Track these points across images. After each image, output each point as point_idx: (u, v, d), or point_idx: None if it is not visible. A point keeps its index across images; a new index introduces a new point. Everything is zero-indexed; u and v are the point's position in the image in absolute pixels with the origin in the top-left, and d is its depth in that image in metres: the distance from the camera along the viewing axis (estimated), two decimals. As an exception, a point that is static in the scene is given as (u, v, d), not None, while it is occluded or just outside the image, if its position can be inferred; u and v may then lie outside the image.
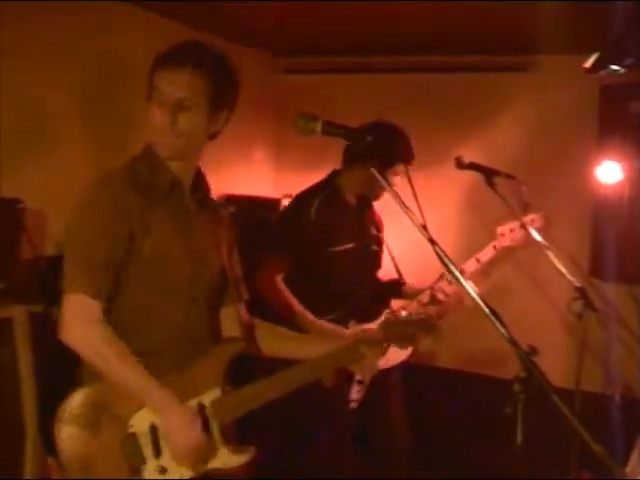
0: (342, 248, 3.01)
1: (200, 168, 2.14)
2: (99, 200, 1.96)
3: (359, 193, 3.10)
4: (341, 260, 3.01)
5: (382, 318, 3.04)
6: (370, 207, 3.22)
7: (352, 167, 3.04)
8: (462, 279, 1.71)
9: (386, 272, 3.30)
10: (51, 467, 2.56)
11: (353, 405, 3.00)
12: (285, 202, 4.10)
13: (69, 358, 2.71)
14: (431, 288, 3.05)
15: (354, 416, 3.02)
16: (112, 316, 1.95)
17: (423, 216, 1.80)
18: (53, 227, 3.15)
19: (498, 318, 1.64)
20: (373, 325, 2.98)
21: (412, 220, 1.80)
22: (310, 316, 2.89)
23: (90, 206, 1.96)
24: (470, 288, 1.69)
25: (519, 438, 1.56)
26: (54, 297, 2.79)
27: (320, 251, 2.97)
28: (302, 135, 1.96)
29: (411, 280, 3.28)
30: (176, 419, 1.90)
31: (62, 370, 2.57)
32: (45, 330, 2.58)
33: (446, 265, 1.74)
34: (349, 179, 3.07)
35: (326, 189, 3.08)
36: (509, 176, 3.08)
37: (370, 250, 3.18)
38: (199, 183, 2.14)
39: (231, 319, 2.20)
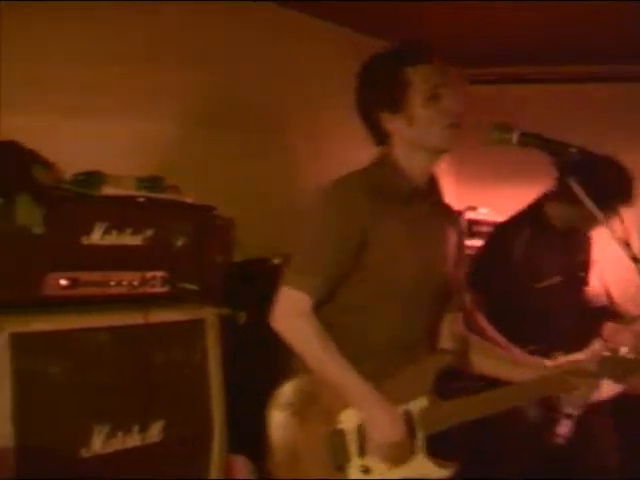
0: (548, 283, 2.84)
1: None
2: (333, 202, 1.98)
3: (569, 225, 2.86)
4: (546, 296, 2.84)
5: (593, 347, 2.85)
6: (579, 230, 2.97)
7: (563, 196, 2.71)
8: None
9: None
10: (233, 466, 2.66)
11: (560, 440, 2.82)
12: (469, 215, 4.03)
13: (247, 360, 2.82)
14: None
15: (560, 452, 2.79)
16: (329, 314, 1.96)
17: (628, 232, 1.70)
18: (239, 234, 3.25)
19: None
20: (582, 355, 2.83)
21: (614, 236, 1.70)
22: (515, 351, 2.73)
23: (324, 207, 2.00)
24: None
25: None
26: (240, 302, 2.92)
27: (524, 288, 2.83)
28: (495, 145, 1.91)
29: (624, 302, 3.05)
30: (379, 415, 1.89)
31: (239, 369, 2.69)
32: (227, 333, 2.68)
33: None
34: (559, 208, 2.82)
35: (531, 219, 2.90)
36: None
37: (577, 278, 2.98)
38: (434, 185, 2.11)
39: (447, 328, 2.16)
